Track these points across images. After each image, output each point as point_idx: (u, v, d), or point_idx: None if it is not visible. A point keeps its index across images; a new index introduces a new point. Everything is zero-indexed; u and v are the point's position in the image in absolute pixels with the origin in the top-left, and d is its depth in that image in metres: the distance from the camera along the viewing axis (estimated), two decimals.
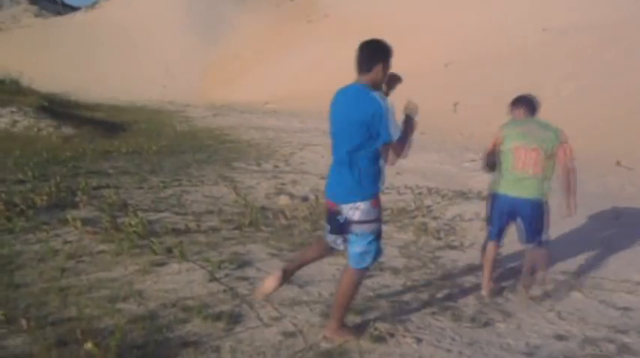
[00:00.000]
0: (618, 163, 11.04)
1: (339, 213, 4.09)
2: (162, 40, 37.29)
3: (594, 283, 5.55)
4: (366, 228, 4.03)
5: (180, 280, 5.21)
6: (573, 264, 6.09)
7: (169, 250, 5.94)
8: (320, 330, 4.31)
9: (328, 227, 4.27)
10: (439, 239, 6.92)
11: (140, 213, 7.14)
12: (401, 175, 10.05)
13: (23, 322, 4.18)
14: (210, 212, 7.69)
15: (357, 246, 4.07)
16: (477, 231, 7.22)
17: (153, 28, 39.31)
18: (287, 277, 4.32)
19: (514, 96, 5.52)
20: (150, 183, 9.02)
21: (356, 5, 31.50)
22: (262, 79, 29.65)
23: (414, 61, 23.25)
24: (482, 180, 9.84)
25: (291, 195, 8.74)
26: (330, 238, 4.29)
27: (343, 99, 4.05)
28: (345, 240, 4.21)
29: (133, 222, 6.56)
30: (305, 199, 8.58)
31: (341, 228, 4.14)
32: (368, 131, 3.87)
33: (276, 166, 11.15)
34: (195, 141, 13.76)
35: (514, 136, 5.17)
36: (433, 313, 4.74)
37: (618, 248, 6.58)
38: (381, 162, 4.03)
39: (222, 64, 33.76)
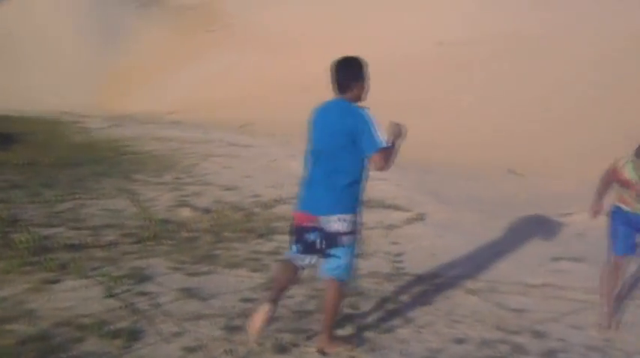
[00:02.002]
0: (511, 171, 11.54)
1: (313, 227, 4.08)
2: (59, 48, 35.87)
3: (490, 287, 5.76)
4: (352, 238, 4.10)
5: (75, 297, 4.99)
6: (470, 268, 6.29)
7: (64, 266, 5.69)
8: (222, 343, 4.25)
9: (298, 247, 4.20)
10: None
11: (32, 229, 6.81)
12: None
13: None
14: (109, 226, 7.43)
15: (344, 258, 4.10)
16: (379, 239, 7.34)
17: (48, 37, 37.73)
18: (276, 305, 4.20)
19: (406, 107, 5.59)
20: (44, 197, 8.61)
21: (257, 16, 31.48)
22: (164, 89, 29.03)
23: (311, 72, 23.49)
24: (384, 189, 10.06)
25: (194, 207, 8.58)
26: (298, 257, 4.22)
27: (325, 113, 4.14)
28: (316, 257, 4.20)
29: (23, 238, 6.25)
30: (208, 211, 8.44)
31: (313, 245, 4.13)
32: (353, 142, 3.96)
33: (177, 178, 10.91)
34: (93, 153, 13.28)
35: None
36: (336, 322, 4.76)
37: (511, 252, 6.88)
38: (365, 174, 4.13)
39: (123, 73, 32.81)
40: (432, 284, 5.81)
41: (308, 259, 4.21)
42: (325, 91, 4.29)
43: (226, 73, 27.47)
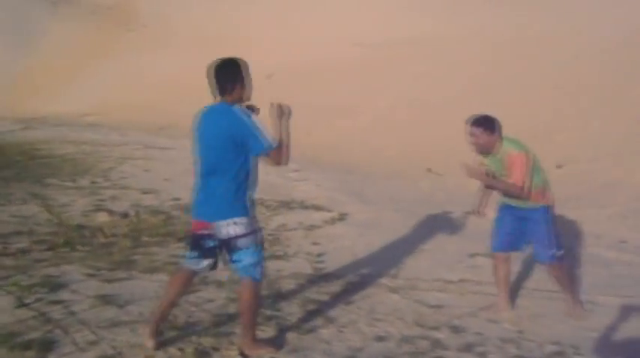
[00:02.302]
0: (429, 170, 11.79)
1: (209, 234, 4.06)
2: None
3: (410, 284, 5.86)
4: (252, 239, 4.05)
5: None
6: (390, 267, 6.38)
7: None
8: (141, 350, 4.13)
9: (195, 253, 4.15)
10: (263, 250, 6.94)
11: None
12: None
13: None
14: (19, 233, 7.11)
15: (248, 259, 4.05)
16: (300, 240, 7.35)
17: None
18: (159, 328, 4.19)
19: (325, 108, 5.66)
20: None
21: (175, 16, 30.91)
22: (79, 91, 28.09)
23: None
24: (305, 190, 10.09)
25: (111, 212, 8.32)
26: (194, 262, 4.18)
27: (207, 118, 4.06)
28: (215, 262, 4.20)
29: None
30: (125, 215, 8.21)
31: (212, 250, 4.11)
32: (237, 146, 3.92)
33: (93, 182, 10.56)
34: (1, 157, 12.71)
35: None
36: (257, 324, 4.72)
37: (430, 249, 7.04)
38: (253, 175, 4.07)
39: (34, 73, 31.53)
40: (353, 284, 5.86)
41: (205, 262, 4.18)
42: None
43: (142, 74, 26.85)
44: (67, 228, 7.28)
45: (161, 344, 4.14)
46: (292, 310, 5.10)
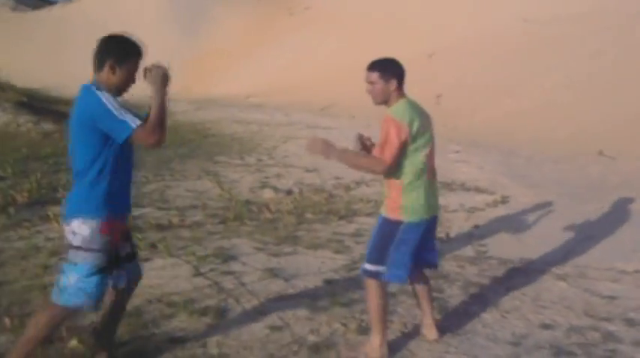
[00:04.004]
0: (601, 153, 11.11)
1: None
2: (142, 34, 36.44)
3: (579, 272, 5.57)
4: (86, 256, 3.30)
5: (165, 275, 5.17)
6: (557, 253, 6.10)
7: (153, 245, 5.91)
8: (307, 323, 4.30)
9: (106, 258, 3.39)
10: None
11: None
12: None
13: (6, 321, 4.13)
14: (194, 207, 7.64)
15: (63, 276, 3.33)
16: (461, 222, 7.24)
17: (132, 22, 38.82)
18: (102, 336, 3.71)
19: (490, 87, 5.27)
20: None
21: None
22: (245, 73, 29.48)
23: (396, 52, 23.12)
24: (466, 171, 9.90)
25: (275, 189, 8.70)
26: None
27: (76, 101, 3.34)
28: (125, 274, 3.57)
29: None
30: (289, 193, 8.54)
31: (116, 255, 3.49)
32: (95, 133, 3.23)
33: (259, 160, 11.09)
34: (177, 135, 13.63)
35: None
36: (420, 304, 4.73)
37: (602, 237, 6.61)
38: (116, 167, 3.38)
39: (204, 58, 33.53)
40: (516, 269, 5.67)
41: (119, 272, 3.56)
42: (410, 69, 4.17)
43: (306, 56, 27.58)
44: (236, 203, 7.70)
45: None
46: (454, 292, 5.04)
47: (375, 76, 3.80)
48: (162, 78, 3.35)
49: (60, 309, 3.33)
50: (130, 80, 3.39)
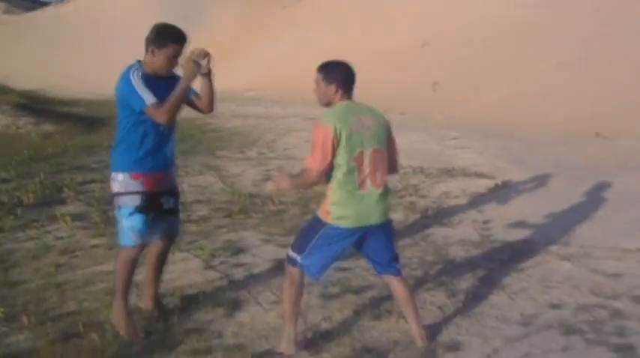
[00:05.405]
0: (597, 134, 11.19)
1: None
2: (137, 31, 36.85)
3: (583, 252, 5.65)
4: (125, 199, 4.01)
5: (176, 269, 5.24)
6: (561, 234, 6.18)
7: None
8: (320, 311, 4.38)
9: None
10: (428, 217, 7.00)
11: None
12: None
13: (24, 319, 4.21)
14: (199, 201, 7.71)
15: (119, 221, 4.08)
16: (464, 207, 7.32)
17: (126, 20, 38.87)
18: (156, 300, 4.42)
19: (485, 73, 5.33)
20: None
21: None
22: (241, 67, 29.49)
23: (391, 41, 23.28)
24: (466, 157, 9.98)
25: None
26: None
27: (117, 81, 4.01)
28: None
29: None
30: None
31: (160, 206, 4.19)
32: (127, 108, 3.92)
33: (260, 153, 11.16)
34: (178, 131, 13.64)
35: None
36: (428, 289, 4.83)
37: (604, 217, 6.69)
38: (140, 134, 3.99)
39: None
40: (521, 251, 5.75)
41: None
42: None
43: (300, 49, 27.60)
44: (240, 196, 7.77)
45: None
46: (461, 276, 5.12)
47: (318, 77, 3.84)
48: (192, 71, 3.99)
49: (124, 250, 4.04)
50: (169, 63, 3.98)
